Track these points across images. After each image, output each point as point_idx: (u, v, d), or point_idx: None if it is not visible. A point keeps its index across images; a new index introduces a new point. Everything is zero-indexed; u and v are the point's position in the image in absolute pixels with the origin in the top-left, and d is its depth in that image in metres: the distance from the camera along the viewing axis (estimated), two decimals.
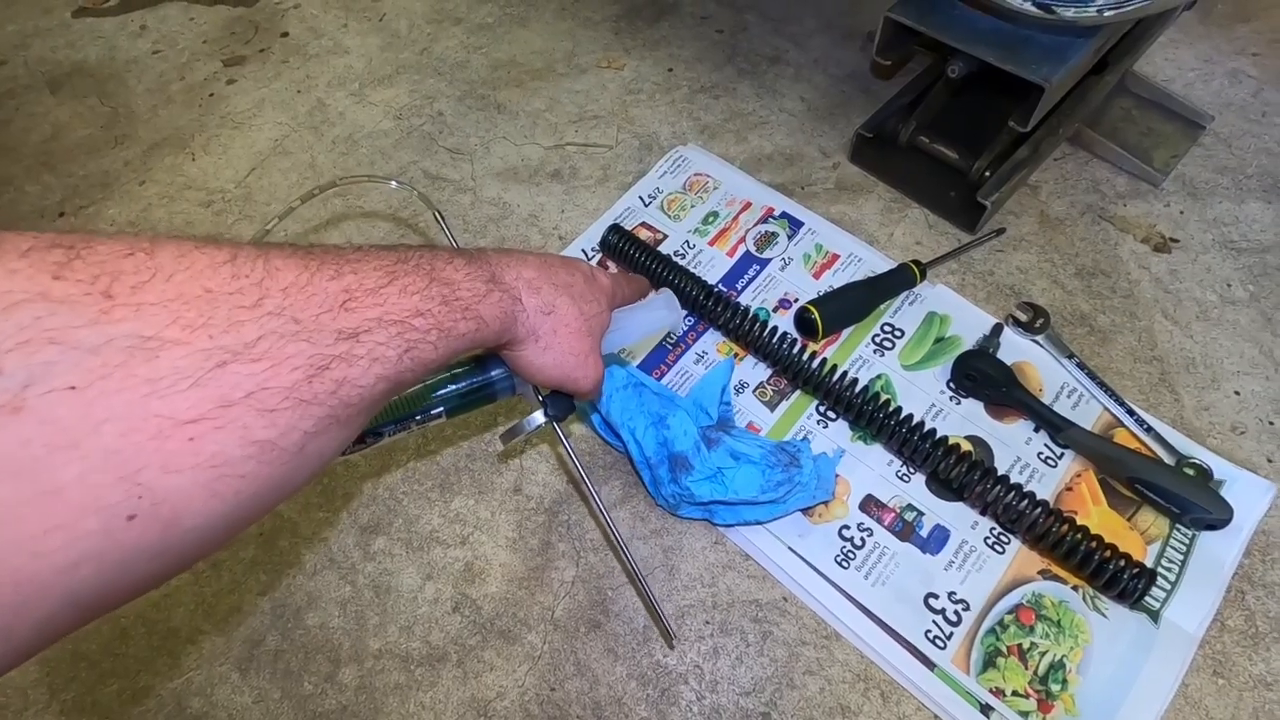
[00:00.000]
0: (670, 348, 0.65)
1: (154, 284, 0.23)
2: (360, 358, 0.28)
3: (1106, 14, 0.55)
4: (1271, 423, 0.60)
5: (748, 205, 0.74)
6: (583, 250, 0.72)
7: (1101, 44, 0.62)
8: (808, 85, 0.84)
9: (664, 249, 0.71)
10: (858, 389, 0.59)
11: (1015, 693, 0.49)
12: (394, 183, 0.62)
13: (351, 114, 0.87)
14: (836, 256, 0.70)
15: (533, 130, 0.83)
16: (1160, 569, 0.53)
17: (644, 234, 0.73)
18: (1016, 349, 0.63)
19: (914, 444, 0.56)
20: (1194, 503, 0.53)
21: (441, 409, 0.45)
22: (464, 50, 0.92)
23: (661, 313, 0.52)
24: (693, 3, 0.93)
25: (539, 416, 0.46)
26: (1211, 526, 0.54)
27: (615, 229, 0.70)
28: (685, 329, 0.65)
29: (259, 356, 0.24)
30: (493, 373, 0.45)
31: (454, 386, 0.45)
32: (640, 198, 0.75)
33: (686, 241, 0.72)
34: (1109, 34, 0.62)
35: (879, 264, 0.68)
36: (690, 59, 0.88)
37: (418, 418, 0.44)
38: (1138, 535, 0.55)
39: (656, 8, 0.93)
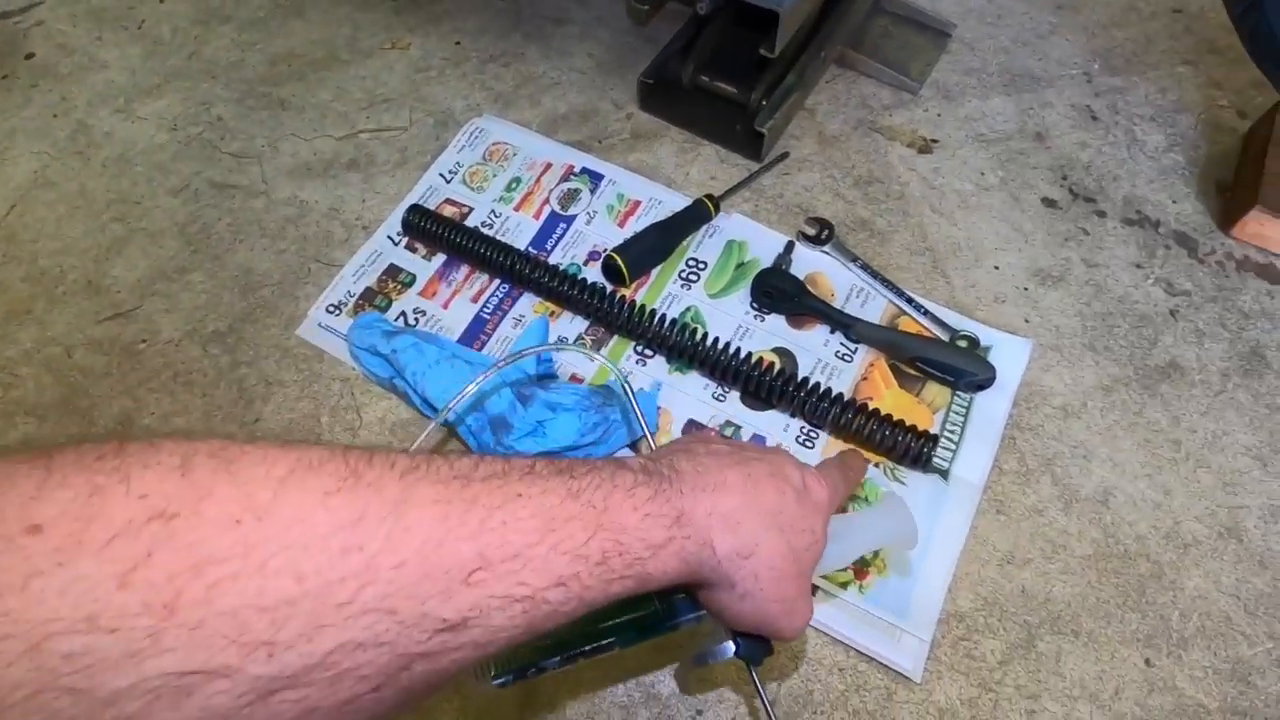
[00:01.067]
0: (487, 318, 0.66)
1: (240, 582, 0.20)
2: (455, 650, 0.24)
3: None
4: (1026, 288, 0.67)
5: (548, 166, 0.75)
6: (388, 236, 0.71)
7: None
8: (594, 42, 0.85)
9: (471, 221, 0.71)
10: (666, 325, 0.62)
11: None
12: (598, 359, 0.51)
13: (120, 131, 0.80)
14: (638, 203, 0.72)
15: (322, 123, 0.80)
16: (945, 433, 0.59)
17: (449, 210, 0.72)
18: (808, 262, 0.68)
19: (723, 365, 0.60)
20: (963, 369, 0.60)
21: (614, 640, 0.38)
22: (237, 49, 0.87)
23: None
24: None
25: (731, 647, 0.38)
26: (981, 387, 0.61)
27: (415, 209, 0.69)
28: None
29: (320, 677, 0.21)
30: (677, 603, 0.38)
31: (629, 616, 0.38)
32: (441, 175, 0.75)
33: (492, 211, 0.72)
34: None
35: (678, 204, 0.71)
36: (476, 30, 0.87)
37: (586, 649, 0.38)
38: (925, 407, 0.61)
39: None
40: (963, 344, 0.63)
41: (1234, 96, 0.78)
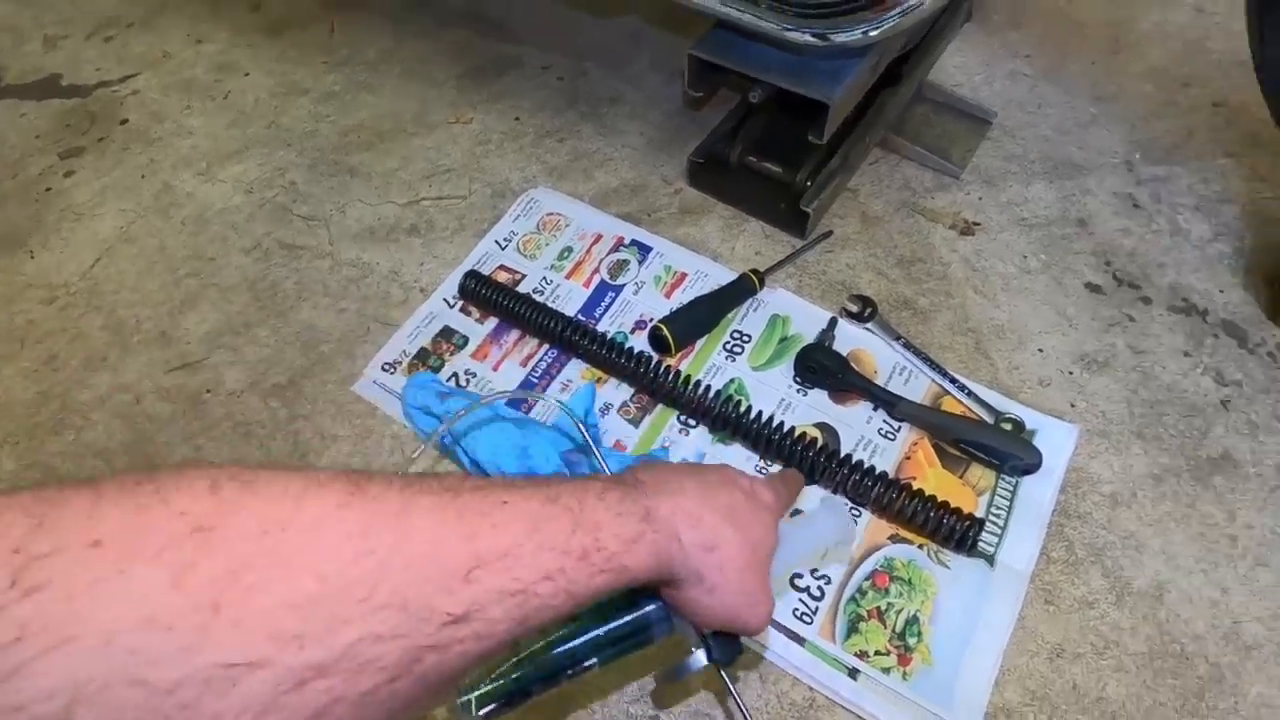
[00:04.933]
0: (536, 381, 0.68)
1: (272, 584, 0.23)
2: (460, 642, 0.26)
3: (871, 34, 0.62)
4: (1070, 372, 0.67)
5: (599, 238, 0.78)
6: (444, 299, 0.74)
7: (877, 60, 0.69)
8: (645, 121, 0.89)
9: (523, 288, 0.74)
10: (709, 396, 0.63)
11: (878, 652, 0.53)
12: (556, 401, 0.54)
13: (200, 193, 0.86)
14: (684, 275, 0.74)
15: (387, 189, 0.85)
16: (990, 516, 0.59)
17: (503, 276, 0.75)
18: (851, 338, 0.69)
19: (765, 437, 0.61)
20: (1009, 453, 0.59)
21: (594, 660, 0.40)
22: (312, 120, 0.93)
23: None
24: (534, 55, 0.98)
25: (702, 657, 0.40)
26: (1027, 471, 0.60)
27: (472, 274, 0.72)
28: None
29: (345, 667, 0.24)
30: (649, 613, 0.40)
31: (599, 632, 0.39)
32: (496, 242, 0.78)
33: (544, 278, 0.75)
34: (881, 52, 0.70)
35: (724, 277, 0.73)
36: (534, 107, 0.92)
37: (569, 672, 0.39)
38: (970, 489, 0.60)
39: (499, 63, 0.97)
40: (1007, 427, 0.63)
41: (1279, 189, 0.79)
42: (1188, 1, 0.97)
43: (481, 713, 0.38)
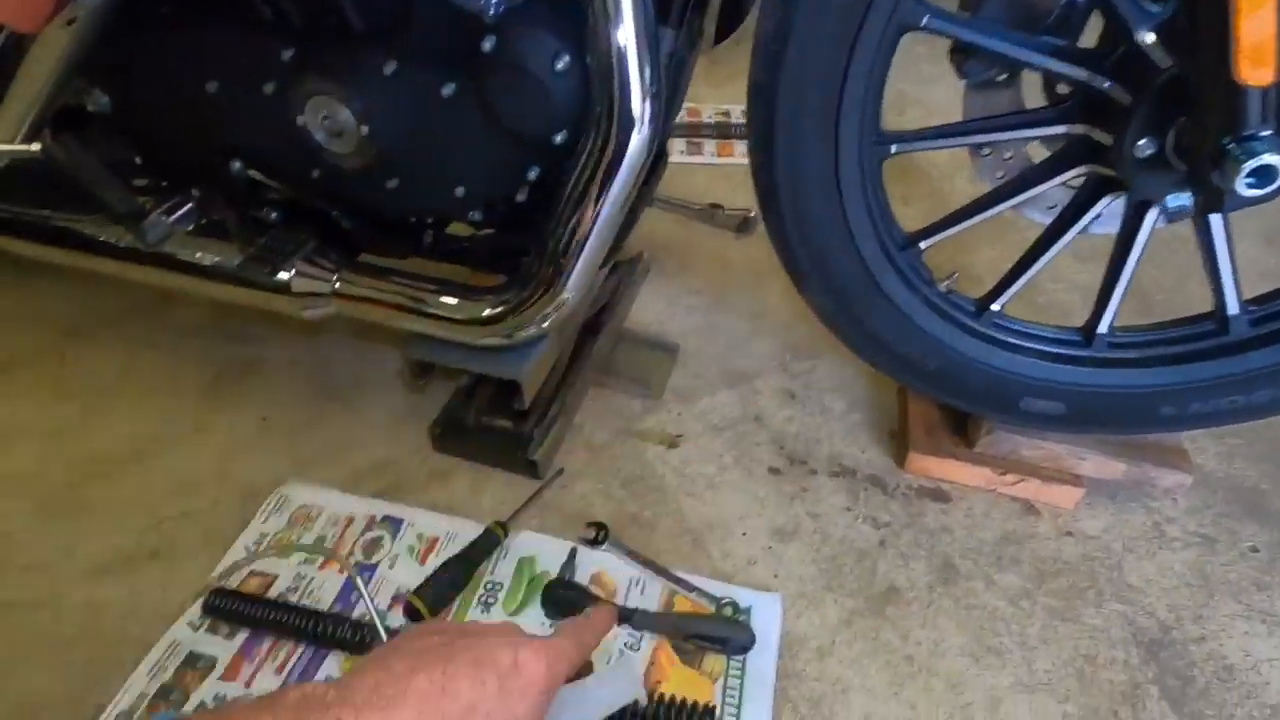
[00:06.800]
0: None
1: None
2: None
3: (545, 324, 0.79)
4: (770, 547, 0.82)
5: (350, 520, 0.83)
6: (188, 624, 0.73)
7: (560, 333, 0.87)
8: (390, 397, 0.99)
9: (275, 590, 0.76)
10: None
11: None
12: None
13: None
14: (436, 539, 0.81)
15: (125, 517, 0.84)
16: (727, 701, 0.67)
17: (254, 582, 0.76)
18: (592, 561, 0.79)
19: None
20: (724, 636, 0.70)
21: None
22: (36, 461, 0.91)
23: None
24: (276, 353, 1.06)
25: None
26: (745, 648, 0.70)
27: (216, 593, 0.73)
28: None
29: None
30: None
31: None
32: (246, 548, 0.80)
33: (298, 574, 0.77)
34: (562, 326, 0.87)
35: (474, 533, 0.80)
36: (283, 402, 0.98)
37: None
38: (707, 679, 0.69)
39: (244, 365, 1.04)
40: (728, 610, 0.74)
41: None
42: None
43: None
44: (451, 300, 0.75)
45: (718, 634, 0.70)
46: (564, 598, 0.73)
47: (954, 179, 1.42)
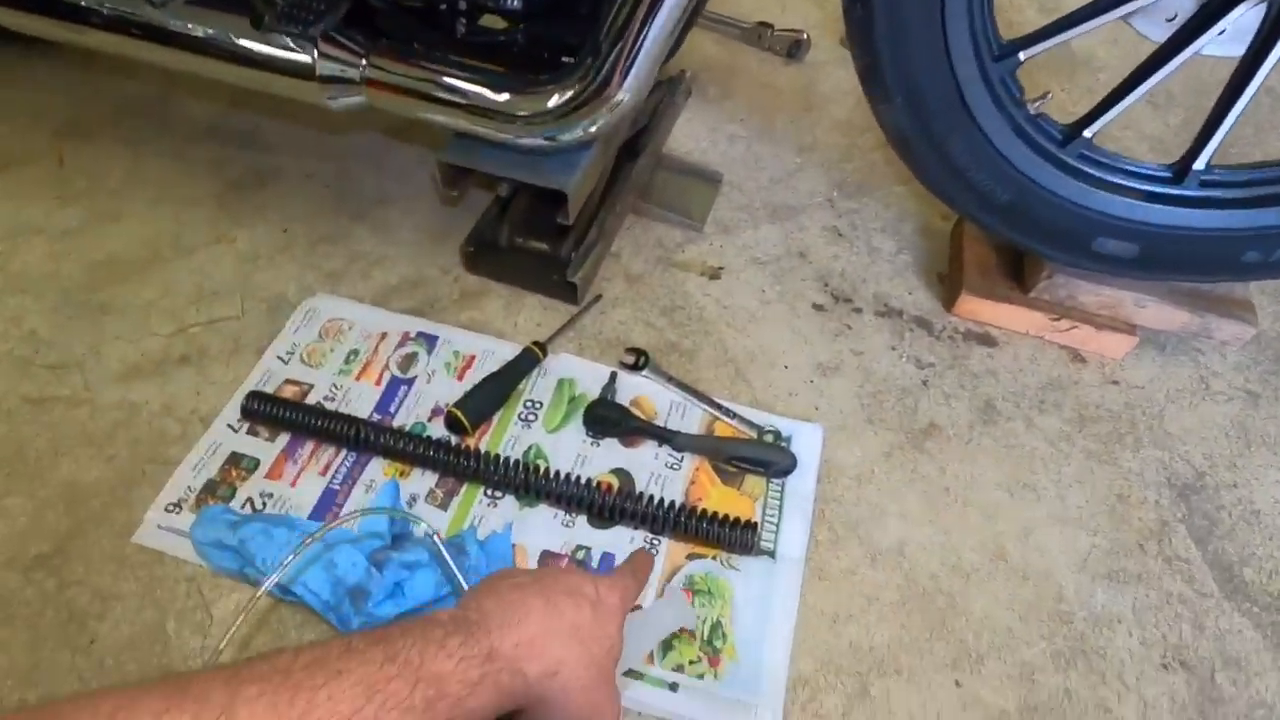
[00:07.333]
0: (338, 488, 0.69)
1: None
2: None
3: (591, 130, 0.72)
4: (812, 381, 0.80)
5: (384, 336, 0.80)
6: (228, 425, 0.72)
7: (606, 146, 0.80)
8: (417, 215, 0.94)
9: (313, 397, 0.75)
10: (509, 467, 0.67)
11: (691, 662, 0.60)
12: (425, 524, 0.56)
13: None
14: (473, 357, 0.79)
15: (148, 321, 0.81)
16: (766, 518, 0.68)
17: (290, 390, 0.75)
18: (631, 387, 0.77)
19: (565, 494, 0.66)
20: (769, 460, 0.70)
21: None
22: (50, 260, 0.87)
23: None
24: (293, 164, 0.99)
25: None
26: (787, 472, 0.71)
27: (253, 395, 0.72)
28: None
29: None
30: None
31: None
32: (279, 357, 0.78)
33: (333, 384, 0.76)
34: (608, 138, 0.80)
35: (510, 353, 0.79)
36: (303, 216, 0.93)
37: None
38: (748, 498, 0.70)
39: (259, 175, 0.97)
40: (769, 438, 0.74)
41: (939, 205, 1.00)
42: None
43: None
44: (495, 94, 0.68)
45: (761, 457, 0.70)
46: (606, 417, 0.73)
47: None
